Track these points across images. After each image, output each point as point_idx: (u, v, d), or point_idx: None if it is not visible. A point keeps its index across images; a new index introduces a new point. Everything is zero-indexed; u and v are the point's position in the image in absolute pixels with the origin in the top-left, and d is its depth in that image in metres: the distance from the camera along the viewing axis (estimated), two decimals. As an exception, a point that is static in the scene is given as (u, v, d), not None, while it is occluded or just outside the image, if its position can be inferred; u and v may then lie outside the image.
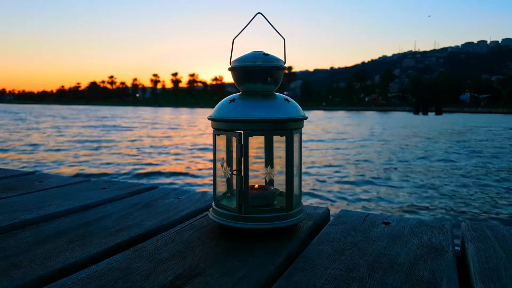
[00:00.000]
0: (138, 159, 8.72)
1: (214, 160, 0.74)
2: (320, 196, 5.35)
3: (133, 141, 12.59)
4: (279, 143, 0.74)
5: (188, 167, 7.70)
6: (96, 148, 10.43)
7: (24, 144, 10.99)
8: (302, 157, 0.75)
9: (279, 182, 0.77)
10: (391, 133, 17.09)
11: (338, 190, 5.78)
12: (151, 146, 11.25)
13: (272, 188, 0.77)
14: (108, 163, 8.05)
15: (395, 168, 7.76)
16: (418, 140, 13.85)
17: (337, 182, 6.42)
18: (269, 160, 0.78)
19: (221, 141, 0.75)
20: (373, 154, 9.93)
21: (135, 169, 7.38)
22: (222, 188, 0.79)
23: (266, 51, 0.71)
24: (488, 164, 8.61)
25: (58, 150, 9.92)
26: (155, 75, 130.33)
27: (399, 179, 6.70)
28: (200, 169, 7.55)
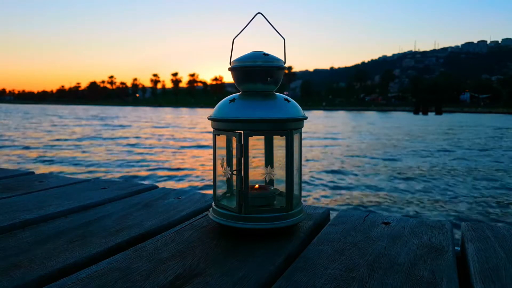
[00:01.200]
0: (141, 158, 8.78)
1: (214, 160, 0.74)
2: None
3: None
4: (279, 142, 0.74)
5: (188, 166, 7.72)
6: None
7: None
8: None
9: (279, 182, 0.77)
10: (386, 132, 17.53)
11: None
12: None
13: (272, 188, 0.77)
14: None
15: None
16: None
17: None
18: (269, 160, 0.78)
19: (221, 141, 0.75)
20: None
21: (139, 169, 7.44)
22: (222, 188, 0.79)
23: (266, 51, 0.71)
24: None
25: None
26: (155, 75, 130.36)
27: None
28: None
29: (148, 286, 0.51)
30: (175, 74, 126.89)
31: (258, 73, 0.70)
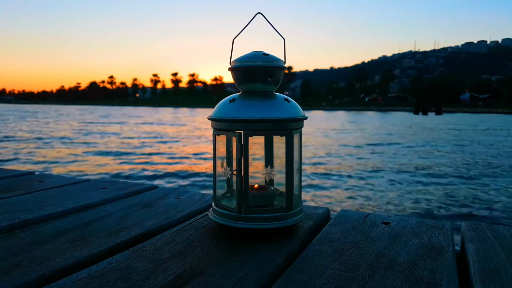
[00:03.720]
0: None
1: (214, 160, 0.74)
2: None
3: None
4: (279, 143, 0.74)
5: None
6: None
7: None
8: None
9: (279, 182, 0.77)
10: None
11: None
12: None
13: (272, 188, 0.77)
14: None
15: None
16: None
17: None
18: (269, 160, 0.78)
19: (221, 141, 0.75)
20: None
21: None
22: (222, 188, 0.79)
23: (266, 51, 0.71)
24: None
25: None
26: (155, 75, 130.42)
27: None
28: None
29: (148, 286, 0.51)
30: (175, 74, 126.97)
31: (258, 73, 0.70)
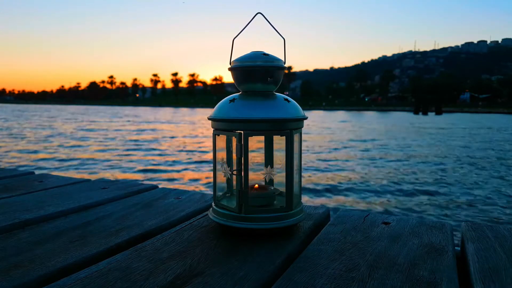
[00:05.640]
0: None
1: (214, 160, 0.74)
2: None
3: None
4: (279, 143, 0.74)
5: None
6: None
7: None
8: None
9: (279, 182, 0.77)
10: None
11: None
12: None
13: (272, 188, 0.77)
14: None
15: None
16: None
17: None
18: (269, 160, 0.78)
19: (221, 141, 0.75)
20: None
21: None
22: (222, 188, 0.79)
23: (266, 51, 0.71)
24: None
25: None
26: (155, 75, 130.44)
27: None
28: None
29: (148, 286, 0.51)
30: (175, 74, 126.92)
31: (258, 73, 0.70)
